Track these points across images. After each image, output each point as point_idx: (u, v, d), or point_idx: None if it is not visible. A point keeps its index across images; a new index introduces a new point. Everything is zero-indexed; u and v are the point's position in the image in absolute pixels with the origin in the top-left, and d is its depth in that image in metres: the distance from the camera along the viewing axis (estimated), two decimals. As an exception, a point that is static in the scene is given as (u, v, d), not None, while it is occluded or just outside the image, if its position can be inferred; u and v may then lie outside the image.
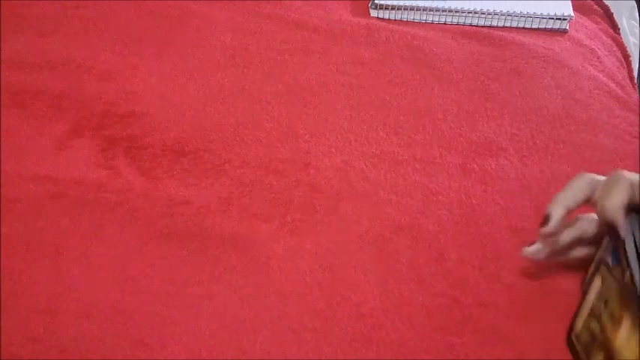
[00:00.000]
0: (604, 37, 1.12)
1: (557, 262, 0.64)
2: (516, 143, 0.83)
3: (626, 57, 1.11)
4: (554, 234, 0.61)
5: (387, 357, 0.59)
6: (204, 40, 1.00)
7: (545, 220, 0.60)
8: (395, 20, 1.08)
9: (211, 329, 0.61)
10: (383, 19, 1.08)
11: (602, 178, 0.59)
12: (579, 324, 0.56)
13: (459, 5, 1.07)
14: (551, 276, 0.66)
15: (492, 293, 0.65)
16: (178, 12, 1.05)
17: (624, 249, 0.52)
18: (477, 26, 1.07)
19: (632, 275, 0.50)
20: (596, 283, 0.56)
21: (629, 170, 0.57)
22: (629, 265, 0.51)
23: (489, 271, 0.67)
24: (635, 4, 1.27)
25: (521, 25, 1.07)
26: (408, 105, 0.89)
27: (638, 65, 1.21)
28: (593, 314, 0.55)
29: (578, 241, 0.63)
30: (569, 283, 0.65)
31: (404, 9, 1.07)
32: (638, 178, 0.55)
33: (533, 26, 1.07)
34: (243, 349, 0.59)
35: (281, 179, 0.77)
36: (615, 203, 0.54)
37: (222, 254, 0.68)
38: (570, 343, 0.57)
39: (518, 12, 1.06)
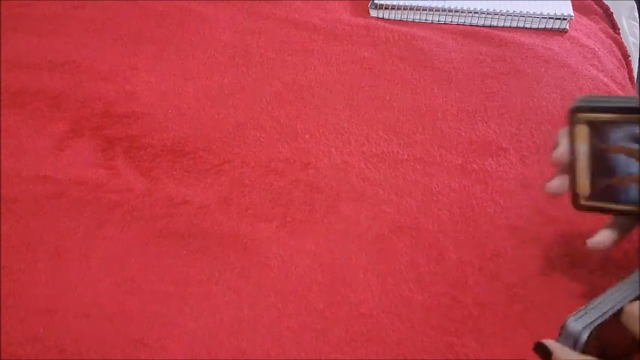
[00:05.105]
0: (604, 37, 1.12)
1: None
2: (516, 143, 0.83)
3: (626, 57, 1.11)
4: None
5: (387, 357, 0.59)
6: (204, 40, 1.00)
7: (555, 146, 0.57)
8: (395, 20, 1.08)
9: (211, 329, 0.61)
10: (383, 19, 1.08)
11: None
12: (584, 182, 0.55)
13: (458, 5, 1.07)
14: (551, 275, 0.66)
15: (492, 293, 0.65)
16: (178, 12, 1.05)
17: None
18: (477, 26, 1.07)
19: None
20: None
21: None
22: None
23: (489, 271, 0.67)
24: (635, 4, 1.27)
25: (521, 25, 1.07)
26: (408, 105, 0.89)
27: (638, 65, 1.21)
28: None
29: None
30: (569, 282, 0.65)
31: (404, 9, 1.07)
32: None
33: (533, 26, 1.07)
34: (242, 349, 0.59)
35: (281, 179, 0.77)
36: None
37: (222, 254, 0.68)
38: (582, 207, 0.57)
39: (518, 12, 1.06)
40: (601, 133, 0.54)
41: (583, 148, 0.55)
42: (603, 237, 0.57)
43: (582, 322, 0.50)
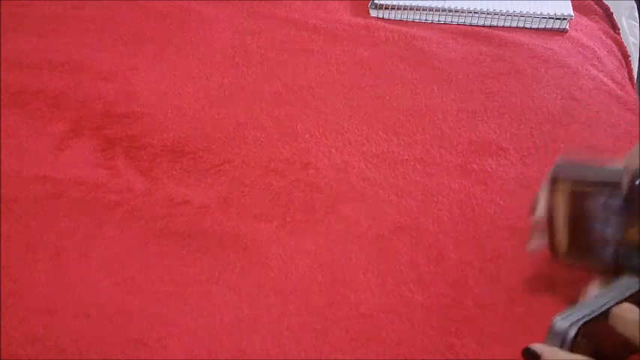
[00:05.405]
0: (604, 37, 1.12)
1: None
2: (516, 143, 0.83)
3: (626, 57, 1.11)
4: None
5: (387, 357, 0.59)
6: (204, 40, 1.00)
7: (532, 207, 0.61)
8: (395, 20, 1.08)
9: (211, 329, 0.61)
10: (383, 19, 1.08)
11: None
12: (562, 240, 0.59)
13: (458, 5, 1.07)
14: (550, 276, 0.66)
15: (492, 294, 0.65)
16: (178, 12, 1.05)
17: None
18: (477, 26, 1.07)
19: None
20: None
21: None
22: None
23: (489, 272, 0.67)
24: (635, 4, 1.27)
25: (521, 25, 1.07)
26: (408, 105, 0.89)
27: (638, 65, 1.21)
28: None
29: None
30: (569, 284, 0.65)
31: (404, 9, 1.07)
32: None
33: (533, 26, 1.07)
34: (242, 349, 0.59)
35: (281, 179, 0.77)
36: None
37: (222, 254, 0.68)
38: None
39: (518, 12, 1.06)
40: (580, 200, 0.58)
41: (562, 212, 0.59)
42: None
43: (569, 320, 0.51)
